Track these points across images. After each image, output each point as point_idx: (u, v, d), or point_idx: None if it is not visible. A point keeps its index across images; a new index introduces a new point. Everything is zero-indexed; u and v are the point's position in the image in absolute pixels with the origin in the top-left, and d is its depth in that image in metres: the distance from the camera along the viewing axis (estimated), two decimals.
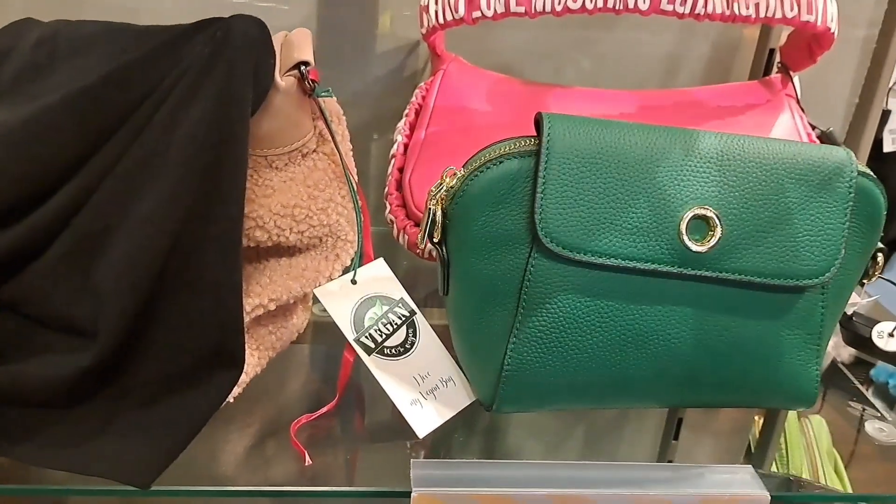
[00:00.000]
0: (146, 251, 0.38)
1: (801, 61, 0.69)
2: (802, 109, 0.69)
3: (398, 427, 0.47)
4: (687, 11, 0.60)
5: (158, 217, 0.39)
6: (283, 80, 0.43)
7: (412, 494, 0.41)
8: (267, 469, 0.44)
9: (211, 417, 0.41)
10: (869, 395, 0.57)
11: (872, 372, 0.60)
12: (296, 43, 0.44)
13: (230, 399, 0.43)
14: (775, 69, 0.74)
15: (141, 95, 0.40)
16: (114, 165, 0.39)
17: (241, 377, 0.43)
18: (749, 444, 0.55)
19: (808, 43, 0.67)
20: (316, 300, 0.52)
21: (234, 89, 0.39)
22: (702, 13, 0.61)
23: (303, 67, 0.43)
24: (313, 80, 0.44)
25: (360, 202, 0.49)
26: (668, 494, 0.44)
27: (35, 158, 0.39)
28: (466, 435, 0.48)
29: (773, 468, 0.63)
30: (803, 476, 0.74)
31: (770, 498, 0.44)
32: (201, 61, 0.39)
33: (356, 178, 0.49)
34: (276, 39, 0.44)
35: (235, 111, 0.39)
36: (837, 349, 0.62)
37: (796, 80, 0.71)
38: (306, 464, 0.43)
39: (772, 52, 0.78)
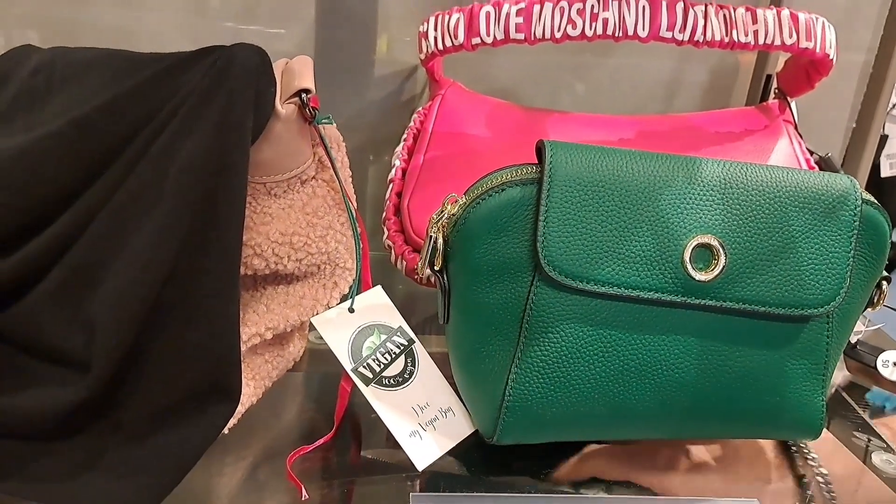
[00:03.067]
0: (140, 284, 0.37)
1: (798, 87, 0.70)
2: (800, 135, 0.69)
3: (397, 459, 0.46)
4: (686, 38, 0.60)
5: (153, 249, 0.38)
6: (284, 108, 0.42)
7: None
8: (262, 503, 0.42)
9: (204, 453, 0.40)
10: (866, 417, 0.56)
11: (868, 395, 0.60)
12: (297, 70, 0.43)
13: (225, 431, 0.42)
14: (772, 95, 0.74)
15: (137, 125, 0.39)
16: (109, 197, 0.38)
17: (237, 408, 0.42)
18: None
19: (807, 69, 0.67)
20: (312, 327, 0.51)
21: (234, 118, 0.38)
22: (701, 40, 0.61)
23: (304, 95, 0.42)
24: (314, 108, 0.43)
25: (359, 230, 0.48)
26: None
27: (29, 190, 0.38)
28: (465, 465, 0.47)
29: None
30: None
31: None
32: (201, 90, 0.39)
33: (355, 205, 0.48)
34: (277, 66, 0.43)
35: (235, 140, 0.38)
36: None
37: (794, 105, 0.72)
38: (303, 499, 0.41)
39: (768, 77, 0.78)
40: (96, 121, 0.38)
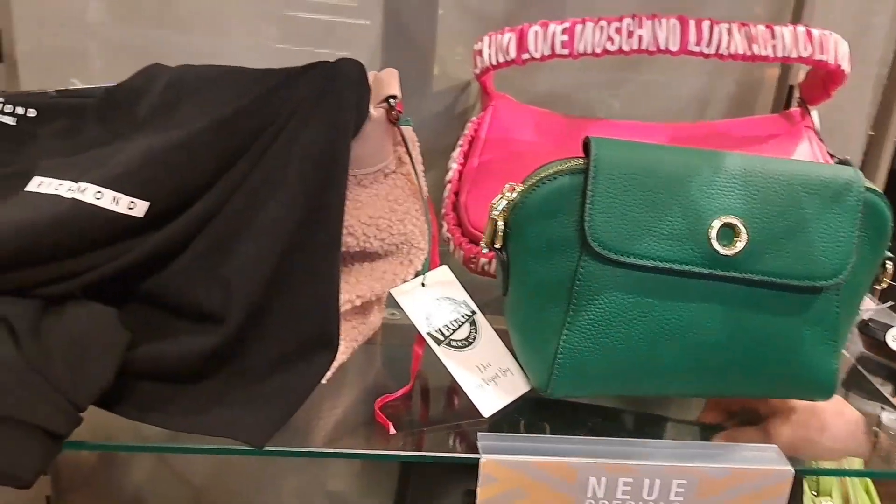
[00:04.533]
0: (267, 252, 0.46)
1: (817, 96, 0.77)
2: (821, 140, 0.76)
3: (464, 409, 0.54)
4: (712, 52, 0.68)
5: (276, 224, 0.47)
6: (375, 111, 0.51)
7: (480, 460, 0.48)
8: (355, 437, 0.51)
9: (311, 393, 0.49)
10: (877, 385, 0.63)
11: None
12: (385, 80, 0.52)
13: (323, 381, 0.51)
14: (795, 104, 0.81)
15: (265, 124, 0.48)
16: (242, 181, 0.48)
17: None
18: None
19: (823, 79, 0.74)
20: (387, 304, 0.60)
21: (341, 119, 0.48)
22: (725, 53, 0.69)
23: (391, 100, 0.51)
24: (398, 112, 0.52)
25: (430, 216, 0.57)
26: (701, 467, 0.50)
27: (180, 175, 0.47)
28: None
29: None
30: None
31: (794, 472, 0.50)
32: (314, 96, 0.48)
33: (428, 195, 0.57)
34: (369, 78, 0.52)
35: (341, 137, 0.47)
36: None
37: (815, 113, 0.79)
38: (391, 433, 0.50)
39: (791, 88, 0.85)
40: (235, 120, 0.48)
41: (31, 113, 0.55)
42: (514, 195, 0.52)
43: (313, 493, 0.97)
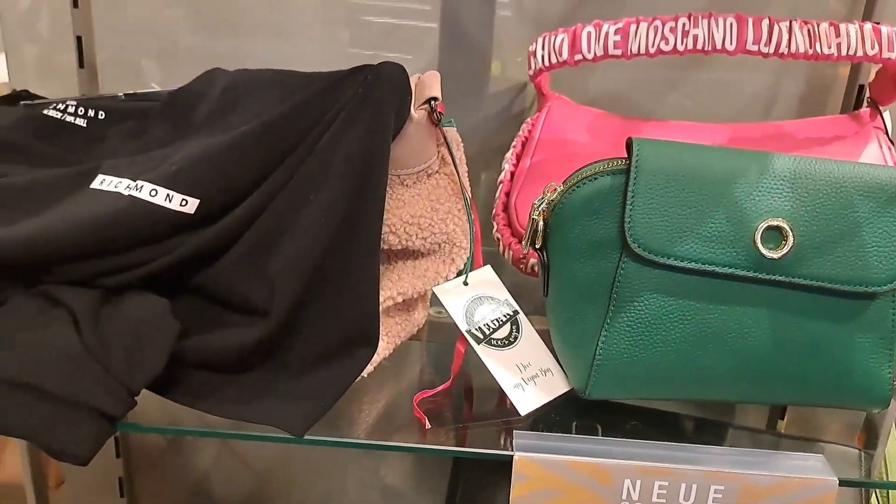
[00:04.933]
0: (310, 250, 0.48)
1: (887, 96, 0.73)
2: (893, 142, 0.73)
3: (502, 407, 0.54)
4: (771, 51, 0.66)
5: (319, 223, 0.49)
6: (416, 113, 0.53)
7: (514, 457, 0.49)
8: (392, 431, 0.52)
9: (350, 386, 0.50)
10: None
11: None
12: (427, 82, 0.54)
13: (364, 375, 0.52)
14: (865, 104, 0.78)
15: (310, 126, 0.50)
16: (288, 181, 0.50)
17: (374, 357, 0.52)
18: None
19: (893, 78, 0.71)
20: (433, 302, 0.61)
21: (381, 121, 0.49)
22: (785, 52, 0.67)
23: (432, 102, 0.53)
24: (440, 113, 0.53)
25: (473, 216, 0.58)
26: (741, 473, 0.49)
27: (230, 174, 0.50)
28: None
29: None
30: None
31: (838, 483, 0.49)
32: (356, 98, 0.50)
33: (470, 195, 0.58)
34: (412, 80, 0.54)
35: (381, 139, 0.49)
36: None
37: (886, 114, 0.75)
38: (427, 427, 0.51)
39: (861, 88, 0.82)
40: (281, 122, 0.50)
41: (101, 115, 0.59)
42: (555, 195, 0.53)
43: (369, 487, 1.00)
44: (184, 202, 0.49)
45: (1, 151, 0.54)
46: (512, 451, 0.49)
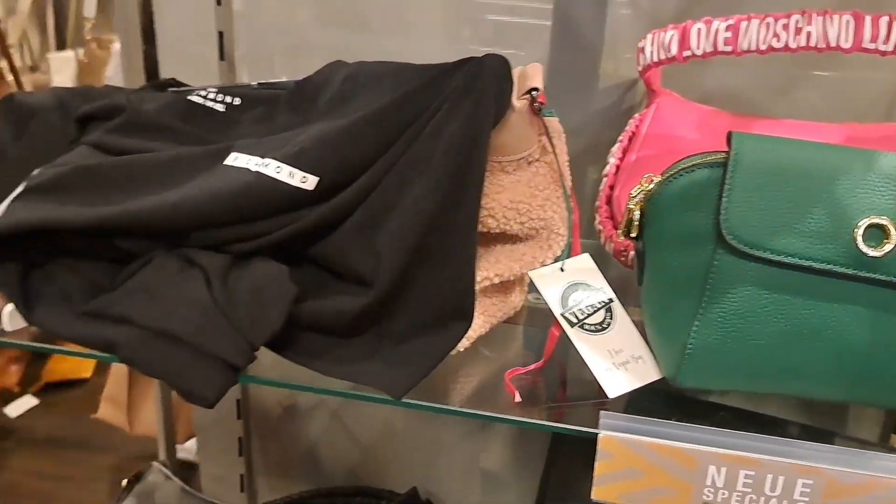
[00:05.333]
0: (413, 227, 0.53)
1: None
2: None
3: (591, 390, 0.56)
4: (890, 49, 0.65)
5: (423, 202, 0.53)
6: (518, 102, 0.56)
7: (599, 435, 0.51)
8: (484, 401, 0.56)
9: (446, 356, 0.54)
10: None
11: None
12: (529, 74, 0.56)
13: (460, 349, 0.56)
14: None
15: (417, 113, 0.55)
16: (395, 162, 0.54)
17: (470, 333, 0.55)
18: None
19: None
20: (531, 288, 0.64)
21: (482, 110, 0.53)
22: None
23: (533, 92, 0.55)
24: (541, 103, 0.56)
25: (572, 203, 0.60)
26: (829, 469, 0.49)
27: (346, 155, 0.55)
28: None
29: None
30: None
31: None
32: (459, 88, 0.54)
33: (570, 184, 0.60)
34: (515, 72, 0.57)
35: (481, 126, 0.52)
36: None
37: None
38: (516, 400, 0.54)
39: None
40: (392, 109, 0.55)
41: (237, 101, 0.66)
42: (652, 186, 0.54)
43: (467, 469, 1.03)
44: (304, 179, 0.54)
45: (152, 130, 0.61)
46: (598, 430, 0.51)
